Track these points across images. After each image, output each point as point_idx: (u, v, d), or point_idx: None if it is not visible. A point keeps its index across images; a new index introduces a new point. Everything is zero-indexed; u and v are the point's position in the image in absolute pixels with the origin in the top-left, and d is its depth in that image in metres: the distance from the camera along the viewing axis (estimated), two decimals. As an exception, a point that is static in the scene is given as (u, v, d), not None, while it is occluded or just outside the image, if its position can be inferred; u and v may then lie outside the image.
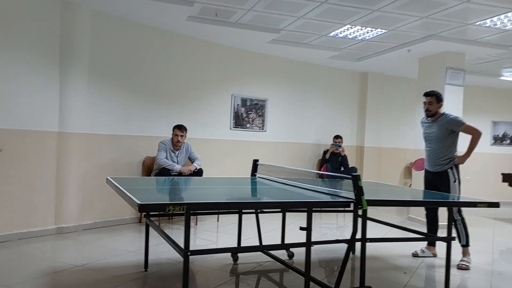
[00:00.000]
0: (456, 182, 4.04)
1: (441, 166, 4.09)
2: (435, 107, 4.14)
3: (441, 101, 4.16)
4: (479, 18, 4.77)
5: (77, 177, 4.80)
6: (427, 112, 4.18)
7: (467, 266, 3.89)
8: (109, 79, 5.13)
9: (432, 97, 4.14)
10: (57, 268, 3.46)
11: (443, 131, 4.06)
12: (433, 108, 4.14)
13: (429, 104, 4.15)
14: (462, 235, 4.02)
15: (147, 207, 2.32)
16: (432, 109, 4.14)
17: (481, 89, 8.68)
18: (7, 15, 4.20)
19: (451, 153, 4.08)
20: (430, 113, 4.16)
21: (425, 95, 4.21)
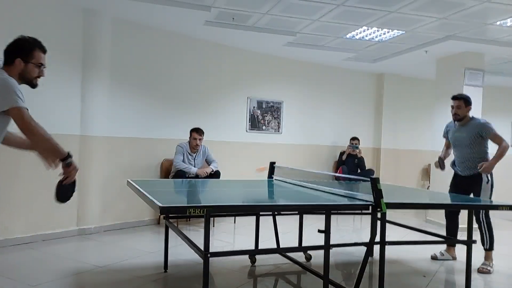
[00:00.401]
0: (488, 183, 3.89)
1: (474, 169, 3.93)
2: (463, 111, 4.01)
3: (469, 104, 4.03)
4: (499, 18, 4.70)
5: (99, 179, 4.90)
6: (456, 116, 4.06)
7: (488, 270, 3.81)
8: (129, 84, 5.23)
9: (461, 100, 4.01)
10: (80, 269, 3.54)
11: (473, 136, 3.95)
12: (462, 112, 4.01)
13: (457, 108, 4.02)
14: (486, 238, 3.90)
15: (168, 210, 2.37)
16: (460, 113, 4.02)
17: (501, 89, 8.52)
18: (31, 24, 4.32)
19: (483, 156, 3.95)
20: (459, 117, 4.04)
21: (453, 99, 4.09)
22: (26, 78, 2.31)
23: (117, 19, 4.99)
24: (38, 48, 2.36)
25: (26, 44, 2.33)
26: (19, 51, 2.29)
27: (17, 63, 2.26)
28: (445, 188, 5.37)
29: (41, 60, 2.35)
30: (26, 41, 2.34)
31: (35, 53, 2.32)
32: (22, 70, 2.28)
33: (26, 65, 2.28)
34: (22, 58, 2.27)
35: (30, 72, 2.30)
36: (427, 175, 8.04)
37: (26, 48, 2.31)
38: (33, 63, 2.30)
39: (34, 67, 2.31)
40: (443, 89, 6.25)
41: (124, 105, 5.17)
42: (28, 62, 2.29)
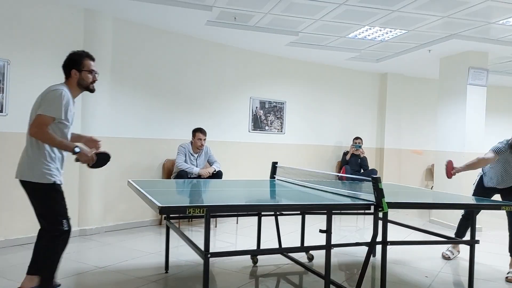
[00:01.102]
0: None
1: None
2: None
3: None
4: (502, 17, 4.66)
5: (100, 180, 4.90)
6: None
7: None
8: (130, 84, 5.22)
9: None
10: (80, 269, 3.54)
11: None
12: None
13: None
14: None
15: (168, 210, 2.36)
16: None
17: (505, 89, 8.46)
18: (32, 24, 4.33)
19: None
20: None
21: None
22: (84, 85, 2.73)
23: (118, 19, 4.99)
24: (87, 57, 2.76)
25: (76, 56, 2.74)
26: (72, 63, 2.72)
27: (73, 74, 2.71)
28: (449, 188, 5.36)
29: (92, 67, 2.75)
30: (76, 54, 2.76)
31: (85, 62, 2.73)
32: (78, 79, 2.71)
33: (81, 74, 2.71)
34: (76, 69, 2.71)
35: (85, 79, 2.73)
36: (430, 175, 7.99)
37: (77, 59, 2.73)
38: (85, 71, 2.72)
39: (87, 74, 2.73)
40: (446, 89, 6.22)
41: (125, 105, 5.16)
42: (81, 70, 2.71)
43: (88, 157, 2.64)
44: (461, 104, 5.90)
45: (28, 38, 4.29)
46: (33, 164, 2.59)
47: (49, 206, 2.63)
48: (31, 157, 2.61)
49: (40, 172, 2.58)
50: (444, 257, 4.23)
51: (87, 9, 4.70)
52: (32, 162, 2.60)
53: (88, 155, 2.64)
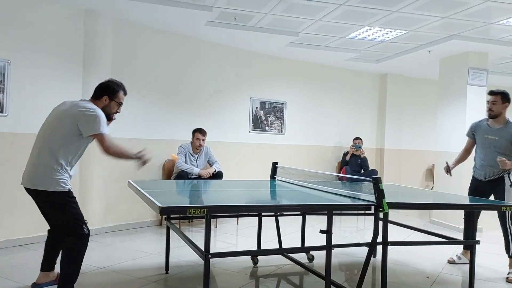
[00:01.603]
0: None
1: (497, 174, 3.77)
2: (499, 107, 3.78)
3: (507, 101, 3.80)
4: (502, 17, 4.66)
5: (100, 180, 4.90)
6: (490, 112, 3.82)
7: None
8: (130, 84, 5.16)
9: (497, 95, 3.79)
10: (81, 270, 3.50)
11: (507, 141, 3.72)
12: (497, 109, 3.78)
13: (492, 103, 3.79)
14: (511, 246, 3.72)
15: (168, 210, 2.36)
16: (495, 109, 3.78)
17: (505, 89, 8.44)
18: (33, 25, 4.34)
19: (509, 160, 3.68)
20: (493, 114, 3.80)
21: (489, 94, 3.87)
22: (106, 112, 2.84)
23: (118, 20, 4.99)
24: (122, 91, 2.94)
25: (115, 86, 2.91)
26: (108, 90, 2.87)
27: (103, 100, 2.85)
28: (449, 189, 5.36)
29: (122, 100, 2.95)
30: (115, 84, 2.92)
31: (119, 94, 2.91)
32: (106, 105, 2.85)
33: (110, 102, 2.87)
34: (109, 96, 2.86)
35: (112, 108, 2.89)
36: (431, 175, 7.99)
37: (114, 89, 2.89)
38: (116, 101, 2.90)
39: (115, 105, 2.91)
40: (446, 89, 6.22)
41: (125, 105, 5.08)
42: (112, 100, 2.88)
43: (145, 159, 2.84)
44: (461, 105, 5.90)
45: (28, 39, 4.30)
46: (48, 172, 2.63)
47: (68, 213, 2.70)
48: (46, 165, 2.64)
49: (55, 181, 2.64)
50: (449, 261, 4.11)
51: (87, 9, 4.70)
52: (47, 170, 2.64)
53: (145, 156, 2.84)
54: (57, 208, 2.71)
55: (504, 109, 3.81)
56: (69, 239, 2.72)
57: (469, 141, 4.11)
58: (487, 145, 3.84)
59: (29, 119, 4.23)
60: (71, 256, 2.71)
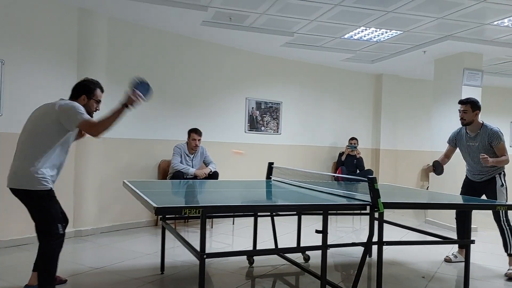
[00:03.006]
0: (503, 187, 3.81)
1: (488, 175, 3.87)
2: (470, 115, 3.87)
3: (477, 108, 3.89)
4: (496, 18, 4.69)
5: (95, 181, 4.87)
6: (462, 121, 3.93)
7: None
8: (125, 84, 5.13)
9: (467, 105, 3.87)
10: (76, 270, 3.51)
11: (485, 144, 3.83)
12: (468, 117, 3.88)
13: (463, 112, 3.90)
14: (509, 244, 3.76)
15: (163, 210, 2.35)
16: (467, 118, 3.88)
17: (499, 89, 8.52)
18: (26, 24, 4.31)
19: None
20: (465, 122, 3.91)
21: (459, 103, 3.96)
22: (86, 111, 2.82)
23: (113, 19, 4.97)
24: (99, 88, 3.00)
25: (91, 85, 2.95)
26: (85, 90, 2.91)
27: (81, 99, 2.89)
28: (444, 188, 5.37)
29: (100, 98, 2.99)
30: (91, 82, 2.96)
31: (97, 92, 2.97)
32: (85, 104, 2.88)
33: (89, 101, 2.92)
34: (86, 95, 2.91)
35: (90, 107, 2.93)
36: (426, 175, 8.02)
37: (91, 88, 2.94)
38: (94, 100, 2.95)
39: (94, 103, 2.96)
40: (441, 90, 6.24)
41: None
42: (90, 98, 2.93)
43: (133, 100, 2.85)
44: (456, 105, 5.87)
45: (22, 38, 4.27)
46: (29, 172, 2.64)
47: (46, 212, 2.69)
48: (27, 165, 2.65)
49: (36, 180, 2.64)
50: (445, 260, 4.14)
51: (81, 8, 4.68)
52: (28, 170, 2.64)
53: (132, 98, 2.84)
54: (36, 206, 2.70)
55: (475, 116, 3.89)
56: (44, 240, 2.71)
57: (449, 148, 4.20)
58: (471, 152, 3.95)
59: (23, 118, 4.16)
60: (46, 257, 2.70)
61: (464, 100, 3.94)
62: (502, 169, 3.87)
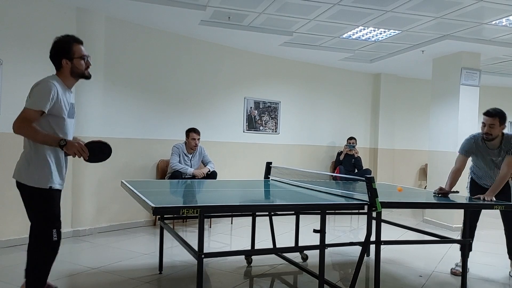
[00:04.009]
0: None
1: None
2: (497, 130, 3.40)
3: (505, 122, 3.42)
4: (494, 17, 4.70)
5: (93, 181, 4.87)
6: (487, 136, 3.43)
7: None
8: (123, 83, 5.20)
9: (495, 118, 3.37)
10: (74, 270, 3.51)
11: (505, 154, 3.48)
12: (495, 132, 3.40)
13: (490, 127, 3.39)
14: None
15: (161, 210, 2.34)
16: (494, 133, 3.40)
17: (497, 89, 8.53)
18: (25, 23, 4.30)
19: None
20: (491, 137, 3.43)
21: (486, 115, 3.43)
22: (78, 73, 2.51)
23: (111, 18, 4.96)
24: (75, 42, 2.51)
25: (64, 44, 2.49)
26: (61, 52, 2.48)
27: (64, 64, 2.48)
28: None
29: (83, 52, 2.51)
30: (62, 41, 2.50)
31: (75, 48, 2.49)
32: (71, 68, 2.48)
33: (72, 62, 2.48)
34: (66, 58, 2.47)
35: (78, 67, 2.50)
36: (424, 175, 8.03)
37: (65, 47, 2.48)
38: (77, 58, 2.48)
39: (79, 61, 2.49)
40: (439, 89, 6.25)
41: (118, 105, 5.14)
42: (72, 58, 2.47)
43: (75, 147, 2.39)
44: (454, 104, 5.94)
45: (20, 38, 4.26)
46: (30, 166, 2.40)
47: (42, 213, 2.45)
48: (28, 158, 2.42)
49: (36, 176, 2.40)
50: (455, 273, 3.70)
51: (79, 8, 4.67)
52: (29, 164, 2.41)
53: (75, 145, 2.40)
54: (32, 204, 2.44)
55: (501, 131, 3.45)
56: (35, 244, 2.46)
57: (463, 159, 3.67)
58: (493, 167, 3.62)
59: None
60: (35, 263, 2.45)
61: (493, 112, 3.40)
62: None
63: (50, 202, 2.46)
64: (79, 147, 2.41)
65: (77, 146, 2.41)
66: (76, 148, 2.40)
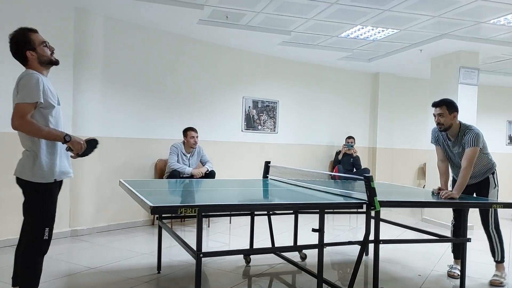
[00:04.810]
0: (496, 188, 3.51)
1: (480, 176, 3.53)
2: (448, 119, 3.37)
3: (454, 110, 3.39)
4: (492, 16, 4.70)
5: (91, 180, 4.86)
6: (440, 126, 3.42)
7: (500, 282, 3.46)
8: (122, 83, 5.19)
9: (442, 107, 3.36)
10: (72, 270, 3.50)
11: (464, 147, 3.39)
12: (446, 121, 3.37)
13: (439, 116, 3.38)
14: (497, 251, 3.55)
15: (159, 209, 2.34)
16: (444, 122, 3.37)
17: (496, 88, 8.54)
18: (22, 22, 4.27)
19: (486, 162, 3.50)
20: (443, 128, 3.40)
21: (433, 106, 3.44)
22: (45, 61, 2.47)
23: (109, 18, 4.95)
24: (30, 32, 2.46)
25: (21, 37, 2.43)
26: (22, 46, 2.42)
27: (29, 56, 2.43)
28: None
29: (41, 38, 2.48)
30: (18, 35, 2.44)
31: (33, 37, 2.44)
32: (38, 57, 2.44)
33: (36, 51, 2.43)
34: (27, 48, 2.42)
35: (44, 54, 2.46)
36: (423, 174, 8.04)
37: (24, 39, 2.42)
38: (39, 46, 2.45)
39: (42, 48, 2.46)
40: (438, 88, 6.25)
41: (116, 104, 5.13)
42: (34, 48, 2.43)
43: (80, 144, 2.45)
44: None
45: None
46: (35, 162, 2.35)
47: (38, 209, 2.39)
48: (33, 155, 2.36)
49: (40, 171, 2.35)
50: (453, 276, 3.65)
51: (77, 7, 4.66)
52: (34, 160, 2.35)
53: (80, 142, 2.46)
54: (31, 200, 2.39)
55: (453, 119, 3.40)
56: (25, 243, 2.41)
57: (439, 151, 3.64)
58: (455, 159, 3.57)
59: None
60: (25, 264, 2.39)
61: (438, 102, 3.41)
62: (493, 167, 3.55)
63: (49, 199, 2.43)
64: (83, 145, 2.47)
65: (82, 143, 2.47)
66: (81, 145, 2.46)
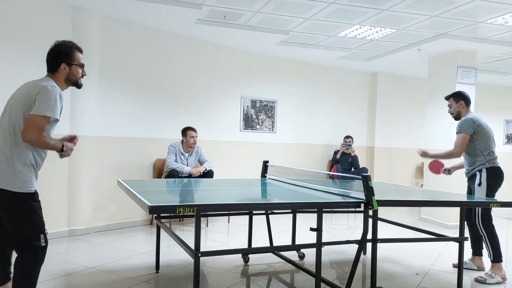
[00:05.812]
0: (481, 186, 3.56)
1: (471, 169, 3.69)
2: (455, 107, 3.83)
3: (461, 98, 3.79)
4: (490, 16, 4.71)
5: (89, 180, 4.85)
6: (451, 115, 3.91)
7: (484, 279, 3.49)
8: (119, 82, 5.18)
9: (450, 98, 3.86)
10: (70, 270, 3.50)
11: None
12: (454, 110, 3.84)
13: (449, 107, 3.90)
14: (488, 250, 3.61)
15: (157, 209, 2.35)
16: (453, 111, 3.85)
17: (493, 87, 8.57)
18: (18, 20, 4.27)
19: (475, 154, 3.62)
20: (454, 116, 3.86)
21: (446, 99, 3.96)
22: (72, 80, 2.49)
23: (107, 17, 4.95)
24: (77, 50, 2.50)
25: (67, 49, 2.46)
26: (62, 56, 2.43)
27: (62, 69, 2.43)
28: (439, 186, 5.40)
29: (82, 61, 2.51)
30: (65, 46, 2.47)
31: (76, 55, 2.48)
32: (68, 73, 2.45)
33: (71, 68, 2.45)
34: (65, 62, 2.43)
35: (75, 74, 2.48)
36: (420, 173, 8.06)
37: (68, 52, 2.45)
38: (75, 65, 2.47)
39: (77, 69, 2.48)
40: (436, 88, 6.27)
41: (114, 104, 5.12)
42: (71, 65, 2.45)
43: (72, 149, 2.52)
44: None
45: (15, 36, 4.24)
46: (13, 169, 2.24)
47: (29, 220, 2.28)
48: (10, 162, 2.25)
49: (21, 180, 2.24)
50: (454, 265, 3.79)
51: (74, 6, 4.65)
52: (12, 167, 2.24)
53: (72, 147, 2.53)
54: (16, 212, 2.26)
55: (461, 107, 3.81)
56: (22, 254, 2.28)
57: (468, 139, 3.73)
58: None
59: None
60: (23, 274, 2.27)
61: (448, 96, 3.91)
62: (484, 165, 3.58)
63: (38, 207, 2.34)
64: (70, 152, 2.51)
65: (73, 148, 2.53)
66: (72, 150, 2.51)
